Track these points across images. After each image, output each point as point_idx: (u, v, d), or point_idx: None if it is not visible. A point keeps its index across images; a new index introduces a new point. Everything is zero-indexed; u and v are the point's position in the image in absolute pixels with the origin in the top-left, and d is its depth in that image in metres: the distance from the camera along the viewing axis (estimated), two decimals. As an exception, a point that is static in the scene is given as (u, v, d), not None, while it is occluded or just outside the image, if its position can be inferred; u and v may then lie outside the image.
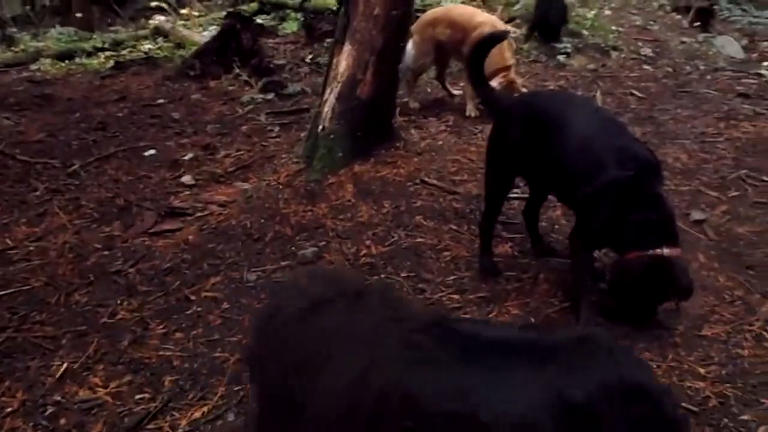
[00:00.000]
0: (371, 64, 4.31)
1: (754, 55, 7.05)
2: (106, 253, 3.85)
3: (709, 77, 5.98)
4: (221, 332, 3.05)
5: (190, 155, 5.26)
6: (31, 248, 3.94)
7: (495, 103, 3.33)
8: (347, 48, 4.35)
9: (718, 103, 5.37)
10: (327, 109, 4.41)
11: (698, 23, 7.69)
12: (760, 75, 6.00)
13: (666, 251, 2.70)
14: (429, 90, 6.07)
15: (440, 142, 4.82)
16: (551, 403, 1.20)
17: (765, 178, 4.14)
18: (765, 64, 6.53)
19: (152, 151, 5.41)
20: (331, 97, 4.42)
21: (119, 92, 6.89)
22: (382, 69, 4.34)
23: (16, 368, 2.87)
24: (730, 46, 6.93)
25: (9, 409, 2.63)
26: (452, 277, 3.32)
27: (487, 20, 5.33)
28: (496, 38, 3.58)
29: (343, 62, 4.37)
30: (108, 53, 8.95)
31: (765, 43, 7.44)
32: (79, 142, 5.65)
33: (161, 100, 6.66)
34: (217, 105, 6.43)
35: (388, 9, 4.24)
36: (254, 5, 9.89)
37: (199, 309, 3.23)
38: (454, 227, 3.70)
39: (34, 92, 7.05)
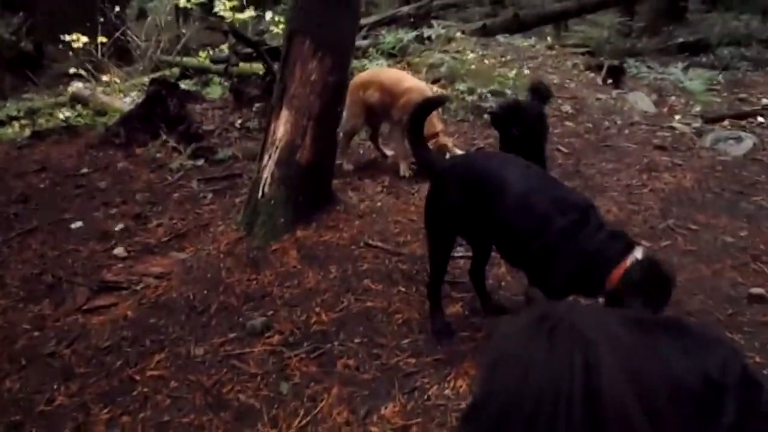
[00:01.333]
0: (310, 129, 4.32)
1: (665, 109, 7.49)
2: (36, 333, 3.64)
3: (627, 131, 6.29)
4: (171, 413, 2.91)
5: (120, 226, 5.07)
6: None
7: (432, 165, 3.39)
8: (285, 113, 4.35)
9: (638, 155, 5.64)
10: (266, 174, 4.36)
11: (611, 80, 8.13)
12: (673, 128, 6.36)
13: (639, 253, 2.75)
14: (362, 152, 6.12)
15: (379, 204, 4.84)
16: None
17: (691, 227, 4.34)
18: (676, 117, 6.94)
19: (79, 223, 5.19)
20: (270, 163, 4.39)
21: (39, 162, 6.61)
22: (320, 134, 4.35)
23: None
24: (641, 101, 7.34)
25: None
26: (406, 341, 3.29)
27: (414, 86, 5.46)
28: (435, 103, 3.66)
29: (281, 128, 4.36)
30: (23, 122, 8.65)
31: (672, 98, 7.92)
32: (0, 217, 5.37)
33: (85, 170, 6.42)
34: (145, 173, 6.25)
35: (325, 75, 4.29)
36: (176, 71, 9.83)
37: (145, 389, 3.07)
38: (402, 289, 3.69)
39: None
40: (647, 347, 1.19)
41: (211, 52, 10.43)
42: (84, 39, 9.70)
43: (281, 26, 8.84)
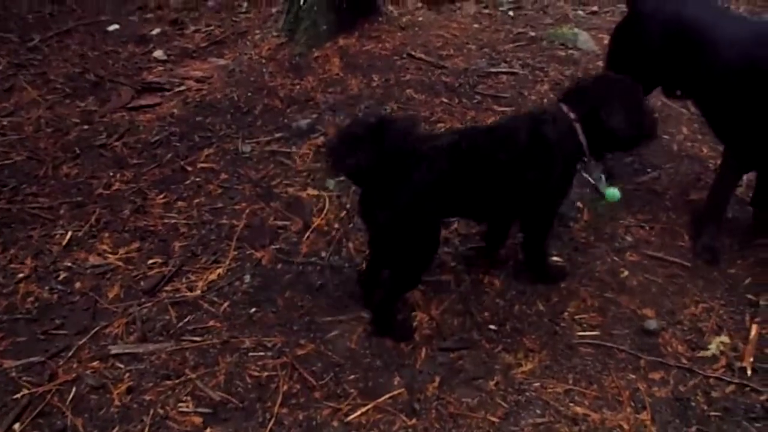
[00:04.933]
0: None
1: None
2: (86, 127, 3.74)
3: None
4: (224, 201, 3.05)
5: (157, 30, 5.03)
6: (5, 123, 3.79)
7: None
8: None
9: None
10: (308, -20, 4.24)
11: None
12: None
13: None
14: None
15: (420, 18, 4.73)
16: None
17: None
18: None
19: (116, 26, 5.15)
20: (311, -32, 4.24)
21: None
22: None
23: (18, 237, 2.83)
24: None
25: (21, 275, 2.62)
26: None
27: None
28: None
29: (325, -69, 4.17)
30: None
31: None
32: (34, 16, 5.32)
33: (117, -27, 6.26)
34: (177, -22, 6.09)
35: None
36: None
37: (197, 179, 3.20)
38: (445, 100, 3.70)
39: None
40: None
41: None
42: None
43: None
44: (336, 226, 2.88)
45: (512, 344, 2.33)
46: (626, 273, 2.62)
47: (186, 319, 2.44)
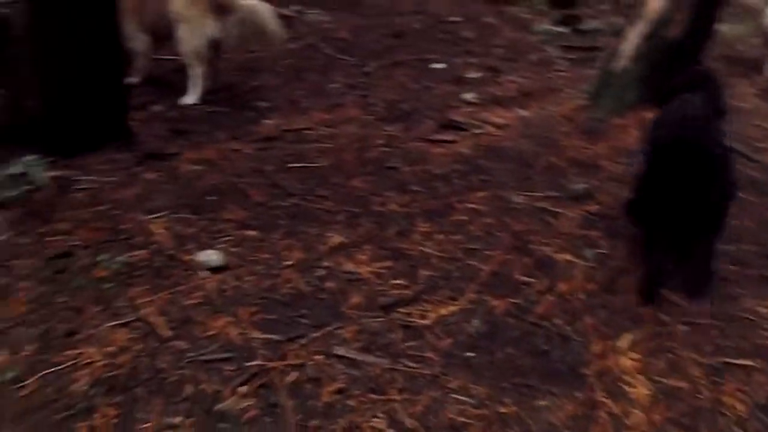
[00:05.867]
0: (690, 4, 3.95)
1: None
2: (386, 149, 4.10)
3: None
4: (479, 243, 3.13)
5: (475, 74, 5.35)
6: (324, 132, 4.34)
7: None
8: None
9: None
10: (627, 47, 4.16)
11: None
12: None
13: None
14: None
15: (746, 105, 4.35)
16: None
17: None
18: None
19: (440, 65, 5.59)
20: (633, 36, 4.15)
21: (419, 5, 7.14)
22: (701, 10, 3.96)
23: (298, 230, 3.23)
24: None
25: (287, 263, 2.98)
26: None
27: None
28: None
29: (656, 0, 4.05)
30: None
31: None
32: (376, 46, 6.01)
33: (455, 18, 6.79)
34: (508, 30, 6.41)
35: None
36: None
37: (462, 217, 3.33)
38: (744, 196, 3.34)
39: (345, -5, 7.58)
40: None
41: None
42: None
43: None
44: (580, 296, 2.78)
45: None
46: None
47: (408, 343, 2.55)
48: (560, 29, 6.29)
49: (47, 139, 3.56)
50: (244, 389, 2.31)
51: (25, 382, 2.31)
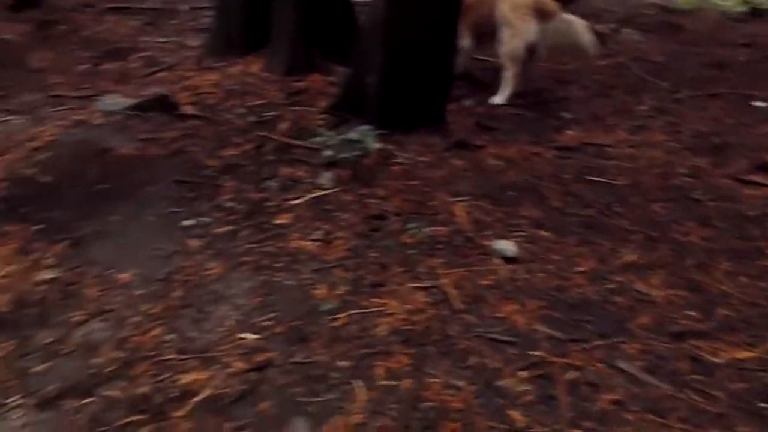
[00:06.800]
0: None
1: None
2: (689, 179, 3.94)
3: None
4: (787, 297, 2.90)
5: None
6: (625, 152, 4.28)
7: None
8: None
9: None
10: None
11: None
12: None
13: None
14: None
15: None
16: None
17: None
18: None
19: (763, 103, 5.18)
20: None
21: (747, 37, 6.66)
22: None
23: (592, 240, 3.25)
24: None
25: (579, 269, 3.03)
26: None
27: None
28: None
29: None
30: (743, -2, 8.69)
31: None
32: (692, 74, 5.75)
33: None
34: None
35: None
36: None
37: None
38: None
39: (663, 19, 7.34)
40: None
41: None
42: None
43: None
44: None
45: None
46: None
47: (696, 376, 2.45)
48: None
49: (379, 114, 3.99)
50: (524, 374, 2.42)
51: (337, 316, 2.66)
